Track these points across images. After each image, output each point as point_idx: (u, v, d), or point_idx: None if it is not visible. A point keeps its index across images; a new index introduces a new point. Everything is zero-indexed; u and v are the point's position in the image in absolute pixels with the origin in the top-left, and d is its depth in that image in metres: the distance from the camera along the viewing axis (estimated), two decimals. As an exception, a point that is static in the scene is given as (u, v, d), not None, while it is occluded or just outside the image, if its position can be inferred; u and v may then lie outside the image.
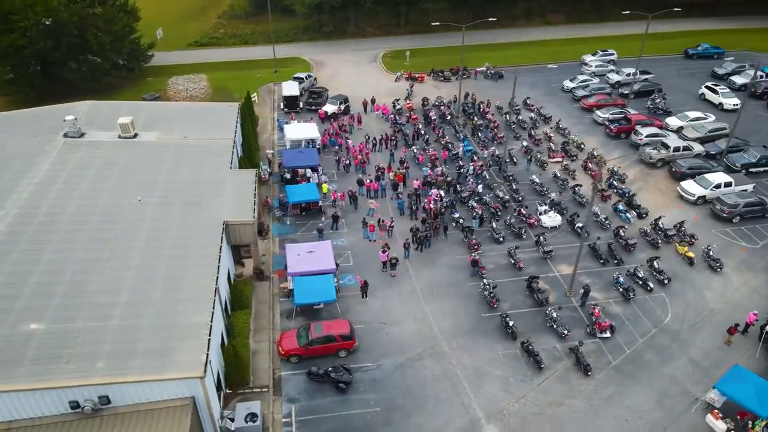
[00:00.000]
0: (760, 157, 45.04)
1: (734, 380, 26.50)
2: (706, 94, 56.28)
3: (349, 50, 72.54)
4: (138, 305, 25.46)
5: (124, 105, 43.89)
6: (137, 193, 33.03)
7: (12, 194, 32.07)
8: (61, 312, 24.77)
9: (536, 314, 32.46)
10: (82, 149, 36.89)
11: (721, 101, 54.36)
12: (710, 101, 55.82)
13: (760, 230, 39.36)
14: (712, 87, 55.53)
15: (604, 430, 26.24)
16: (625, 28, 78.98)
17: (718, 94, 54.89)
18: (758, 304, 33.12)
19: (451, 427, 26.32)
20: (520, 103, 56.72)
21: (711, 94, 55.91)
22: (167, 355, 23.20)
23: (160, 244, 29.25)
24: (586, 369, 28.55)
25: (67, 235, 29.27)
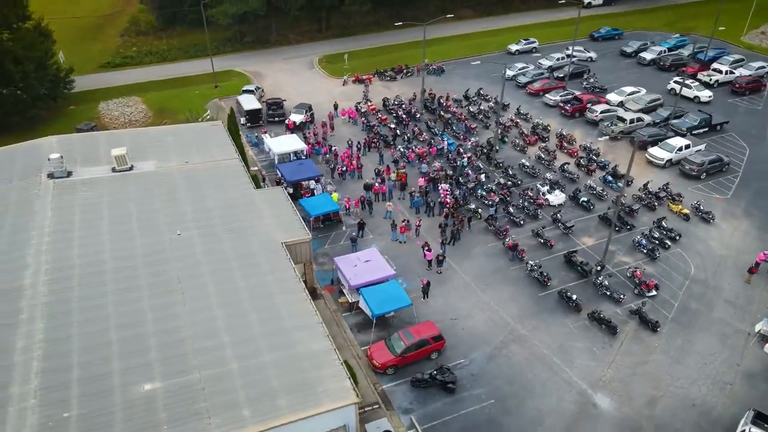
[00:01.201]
0: (700, 120, 51.22)
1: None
2: (677, 89, 56.67)
3: (280, 59, 70.69)
4: (248, 343, 23.46)
5: (95, 137, 39.41)
6: (168, 227, 30.11)
7: (28, 248, 27.79)
8: (168, 366, 22.15)
9: (584, 285, 34.50)
10: (79, 189, 32.71)
11: (697, 95, 56.61)
12: (685, 96, 56.48)
13: (723, 182, 44.93)
14: (682, 82, 56.00)
15: (692, 375, 28.79)
16: (528, 17, 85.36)
17: (692, 88, 57.13)
18: (752, 244, 37.99)
19: (566, 402, 27.37)
20: (473, 94, 59.02)
21: (684, 89, 56.37)
22: (311, 387, 21.74)
23: (229, 276, 27.03)
24: (654, 326, 31.02)
25: (121, 284, 26.04)
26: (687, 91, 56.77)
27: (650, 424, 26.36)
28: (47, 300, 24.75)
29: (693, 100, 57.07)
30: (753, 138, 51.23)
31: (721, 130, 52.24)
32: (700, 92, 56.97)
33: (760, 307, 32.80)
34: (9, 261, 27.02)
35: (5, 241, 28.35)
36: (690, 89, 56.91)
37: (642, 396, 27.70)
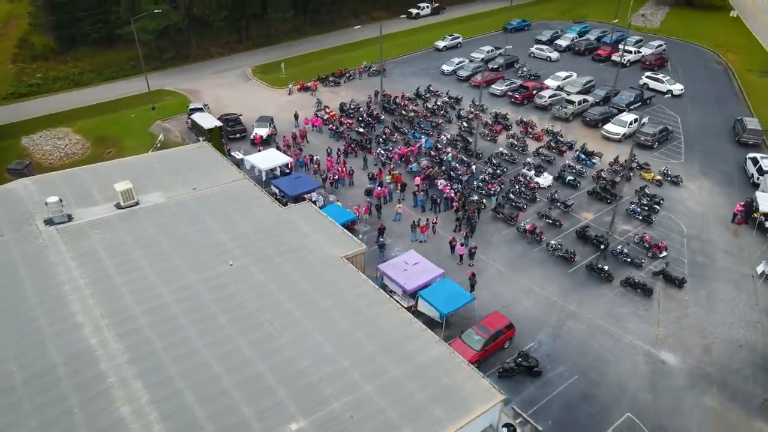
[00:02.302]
0: (635, 96, 56.53)
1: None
2: (649, 83, 60.04)
3: (209, 73, 67.18)
4: (368, 362, 22.44)
5: (74, 174, 35.03)
6: (214, 258, 27.83)
7: (70, 306, 24.30)
8: (302, 401, 20.60)
9: (602, 256, 36.87)
10: (91, 232, 29.06)
11: (669, 88, 59.48)
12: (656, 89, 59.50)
13: (673, 149, 50.12)
14: (654, 77, 60.38)
15: (726, 320, 32.04)
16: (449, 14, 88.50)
17: (664, 83, 59.87)
18: (719, 199, 42.90)
19: (639, 364, 29.27)
20: (423, 91, 60.22)
21: (656, 83, 59.82)
22: (455, 393, 21.34)
23: (309, 298, 25.61)
24: (681, 282, 34.05)
25: (200, 326, 23.68)
26: (659, 85, 60.02)
27: (715, 370, 29.02)
28: (130, 357, 21.88)
29: (665, 94, 59.04)
30: (678, 107, 57.49)
31: (650, 103, 58.03)
32: (672, 86, 59.60)
33: (751, 252, 37.23)
34: (56, 323, 23.47)
35: (37, 301, 24.54)
36: (662, 83, 59.95)
37: (696, 346, 30.36)
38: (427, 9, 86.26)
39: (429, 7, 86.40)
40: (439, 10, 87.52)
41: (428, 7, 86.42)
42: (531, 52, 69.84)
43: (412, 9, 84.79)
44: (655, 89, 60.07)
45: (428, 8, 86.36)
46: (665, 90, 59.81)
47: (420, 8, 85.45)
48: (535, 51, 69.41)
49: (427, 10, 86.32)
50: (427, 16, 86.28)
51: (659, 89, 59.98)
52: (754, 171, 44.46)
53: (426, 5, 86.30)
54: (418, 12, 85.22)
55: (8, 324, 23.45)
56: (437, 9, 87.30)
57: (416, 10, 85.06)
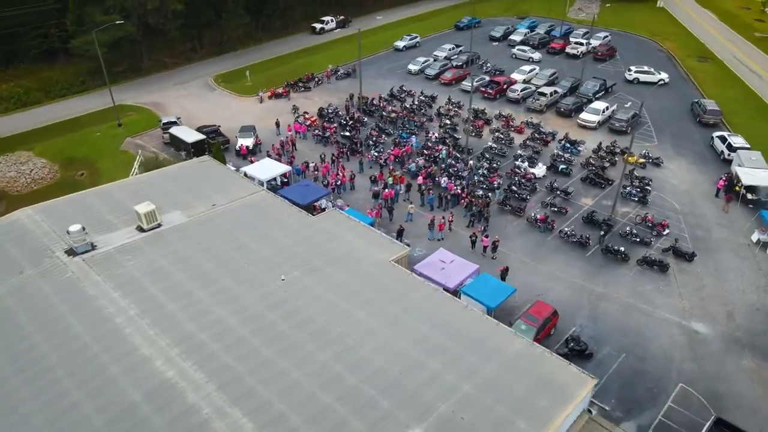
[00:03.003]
0: (599, 86, 59.39)
1: (766, 219, 37.86)
2: (639, 77, 62.80)
3: (170, 85, 64.36)
4: (458, 362, 22.41)
5: (75, 201, 32.58)
6: (262, 275, 26.85)
7: (130, 339, 22.68)
8: (410, 409, 20.32)
9: (610, 238, 38.56)
10: (121, 259, 27.21)
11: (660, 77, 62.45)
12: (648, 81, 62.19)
13: (644, 132, 53.09)
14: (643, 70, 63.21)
15: (739, 287, 34.36)
16: (388, 16, 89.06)
17: (654, 74, 62.50)
18: (699, 176, 45.91)
19: (676, 336, 30.86)
20: (396, 91, 60.46)
21: (646, 75, 62.59)
22: (552, 382, 21.77)
23: (376, 306, 25.24)
24: (691, 256, 36.18)
25: (277, 345, 22.79)
26: (650, 77, 62.81)
27: (742, 334, 31.11)
28: (217, 385, 20.72)
29: (656, 84, 61.87)
30: (637, 94, 60.89)
31: (612, 91, 61.17)
32: (661, 75, 63.06)
33: (741, 223, 40.15)
34: (121, 358, 21.82)
35: (91, 338, 22.73)
36: (653, 75, 62.95)
37: (720, 314, 32.43)
38: (332, 23, 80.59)
39: (334, 21, 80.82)
40: (345, 23, 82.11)
41: (333, 21, 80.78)
42: (513, 54, 70.05)
43: (316, 24, 79.66)
44: (646, 81, 62.99)
45: (333, 22, 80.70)
46: (657, 80, 62.87)
47: (324, 22, 79.90)
48: (516, 52, 69.85)
49: (332, 24, 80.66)
50: (333, 30, 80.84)
51: (651, 80, 62.85)
52: (724, 148, 47.89)
53: (330, 19, 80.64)
54: (322, 27, 79.53)
55: (67, 364, 21.60)
56: (343, 22, 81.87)
57: (320, 25, 79.49)
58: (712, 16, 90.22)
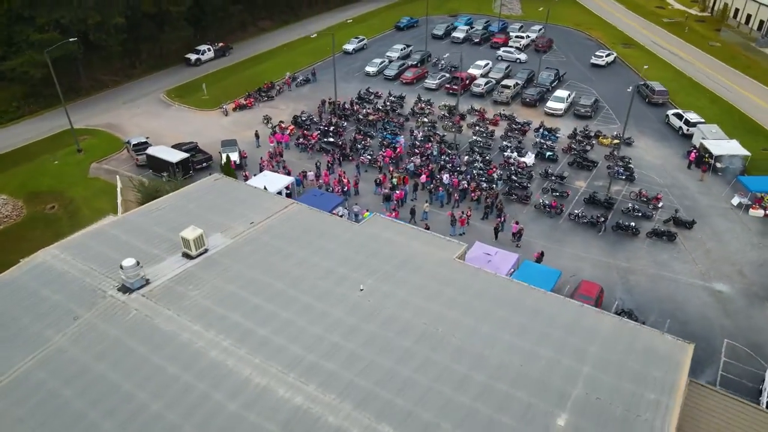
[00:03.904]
0: (554, 76, 62.70)
1: (748, 183, 41.92)
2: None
3: (120, 104, 60.37)
4: (576, 353, 22.77)
5: (97, 234, 29.74)
6: (334, 289, 26.10)
7: (237, 371, 21.26)
8: (552, 399, 20.70)
9: (615, 215, 41.07)
10: (183, 290, 25.35)
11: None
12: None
13: (605, 116, 56.83)
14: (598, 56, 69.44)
15: (738, 246, 37.85)
16: (326, 20, 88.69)
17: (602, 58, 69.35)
18: (666, 151, 49.92)
19: (705, 298, 33.52)
20: (363, 93, 60.39)
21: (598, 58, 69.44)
22: (655, 353, 22.61)
23: (471, 305, 25.09)
24: (691, 224, 39.33)
25: (392, 357, 22.27)
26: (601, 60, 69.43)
27: (758, 288, 34.34)
28: (354, 403, 19.91)
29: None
30: (586, 80, 64.99)
31: (563, 79, 64.80)
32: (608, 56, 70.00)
33: (718, 189, 44.21)
34: (238, 394, 20.38)
35: (192, 376, 21.03)
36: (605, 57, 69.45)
37: (732, 273, 35.60)
38: (209, 52, 70.47)
39: (212, 50, 70.90)
40: (226, 51, 72.39)
41: (210, 49, 70.81)
42: (499, 56, 71.01)
43: (190, 54, 69.20)
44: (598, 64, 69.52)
45: (211, 51, 70.78)
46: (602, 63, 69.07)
47: (200, 52, 69.58)
48: (503, 54, 71.03)
49: (210, 54, 70.49)
50: (211, 60, 70.53)
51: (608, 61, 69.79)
52: (681, 124, 52.35)
53: (207, 48, 70.44)
54: (198, 58, 68.91)
55: (177, 409, 19.86)
56: (223, 50, 72.10)
57: (195, 56, 68.99)
58: (620, 6, 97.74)
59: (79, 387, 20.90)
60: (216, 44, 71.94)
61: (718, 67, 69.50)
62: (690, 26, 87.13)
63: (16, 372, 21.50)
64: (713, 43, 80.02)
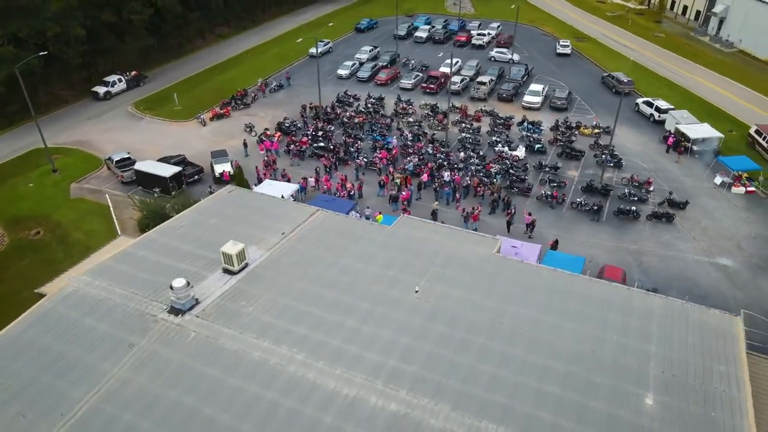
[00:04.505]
0: (524, 71, 64.51)
1: (728, 163, 44.72)
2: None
3: (85, 120, 57.23)
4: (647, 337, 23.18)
5: (126, 256, 28.10)
6: (388, 292, 25.96)
7: (322, 384, 20.76)
8: (633, 381, 21.42)
9: (612, 201, 42.81)
10: (237, 307, 24.49)
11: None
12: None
13: (580, 107, 58.98)
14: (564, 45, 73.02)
15: (729, 222, 40.24)
16: (284, 24, 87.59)
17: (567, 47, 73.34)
18: (642, 137, 52.43)
19: (714, 272, 35.48)
20: (342, 96, 60.02)
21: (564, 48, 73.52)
22: (709, 326, 23.94)
23: (529, 299, 25.51)
24: (684, 205, 41.51)
25: (468, 353, 22.32)
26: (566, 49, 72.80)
27: (758, 260, 36.69)
28: (451, 405, 19.87)
29: None
30: (552, 74, 67.25)
31: (532, 74, 66.78)
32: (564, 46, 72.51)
33: (699, 170, 46.86)
34: (326, 406, 19.94)
35: (274, 395, 20.38)
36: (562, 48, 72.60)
37: (731, 247, 37.88)
38: (120, 83, 62.11)
39: (124, 81, 62.56)
40: (140, 80, 64.50)
41: (122, 80, 62.48)
42: (491, 56, 71.06)
43: (98, 88, 61.04)
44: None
45: (123, 82, 62.43)
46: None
47: (109, 84, 61.19)
48: (495, 55, 70.90)
49: (122, 85, 62.19)
50: (123, 92, 62.26)
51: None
52: (653, 111, 55.11)
53: (118, 79, 62.01)
54: (108, 91, 60.75)
55: (269, 429, 19.20)
56: (137, 79, 64.18)
57: (104, 88, 60.78)
58: (564, 2, 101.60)
59: (157, 417, 19.80)
60: (128, 74, 63.39)
61: (669, 57, 73.58)
62: (632, 19, 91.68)
63: (81, 409, 20.12)
64: (658, 34, 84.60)
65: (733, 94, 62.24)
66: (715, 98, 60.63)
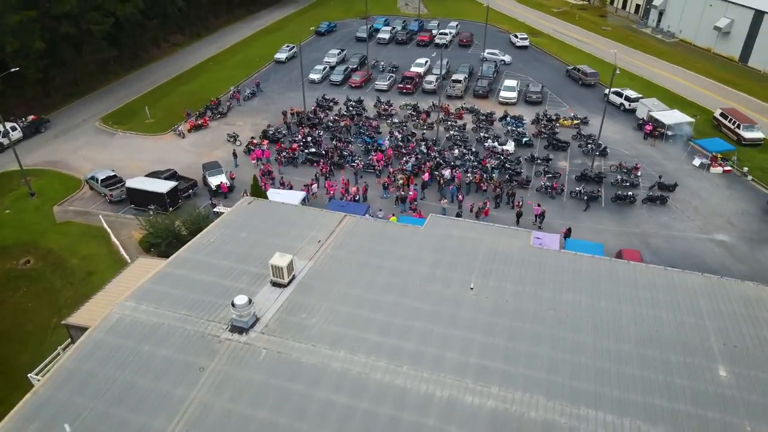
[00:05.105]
0: (494, 67, 66.06)
1: (705, 145, 47.55)
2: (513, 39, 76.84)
3: (51, 138, 53.88)
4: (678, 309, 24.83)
5: (164, 277, 26.71)
6: (442, 293, 26.07)
7: (413, 389, 20.62)
8: (702, 355, 22.42)
9: (606, 188, 44.61)
10: (299, 320, 23.90)
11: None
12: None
13: (553, 100, 60.99)
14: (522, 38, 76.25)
15: (716, 200, 42.79)
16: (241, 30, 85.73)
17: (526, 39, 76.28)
18: (618, 126, 54.88)
19: (715, 248, 37.65)
20: (321, 101, 59.44)
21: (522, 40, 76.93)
22: (752, 299, 25.55)
23: (572, 286, 26.36)
24: (674, 186, 43.80)
25: (546, 345, 22.75)
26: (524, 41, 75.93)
27: (750, 233, 39.22)
28: (546, 396, 20.25)
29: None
30: (519, 69, 69.19)
31: (500, 70, 68.44)
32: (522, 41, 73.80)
33: (677, 154, 49.57)
34: (425, 407, 19.84)
35: (368, 407, 20.07)
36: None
37: (723, 223, 40.32)
38: (16, 132, 52.13)
39: (19, 128, 52.75)
40: (41, 125, 55.03)
41: (17, 128, 52.56)
42: (484, 57, 71.32)
43: None
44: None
45: (18, 130, 52.54)
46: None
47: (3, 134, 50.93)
48: (487, 56, 71.11)
49: (17, 133, 52.29)
50: (20, 141, 52.01)
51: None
52: (622, 101, 57.78)
53: (11, 126, 51.67)
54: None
55: (385, 437, 18.89)
56: (36, 124, 54.78)
57: None
58: (511, 0, 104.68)
59: (254, 439, 19.00)
60: (24, 120, 54.17)
61: (620, 48, 77.22)
62: (578, 14, 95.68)
63: (169, 440, 19.01)
64: (605, 27, 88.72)
65: (687, 80, 66.17)
66: (673, 86, 64.24)
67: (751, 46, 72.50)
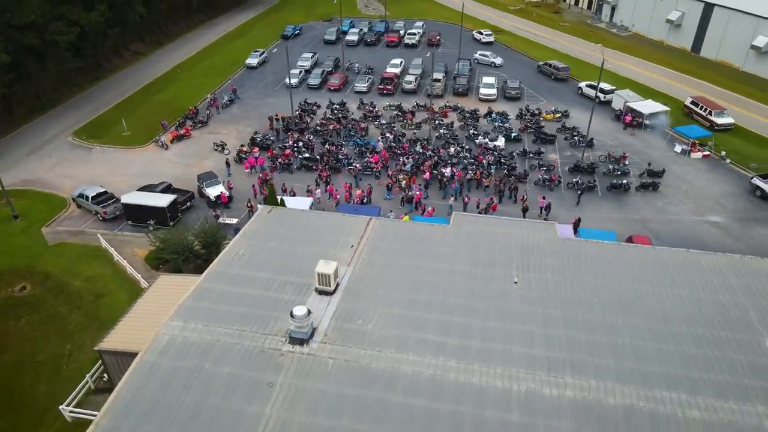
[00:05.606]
0: (469, 66, 67.00)
1: (684, 132, 49.84)
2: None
3: (24, 156, 50.99)
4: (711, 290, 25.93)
5: (203, 293, 25.71)
6: (487, 287, 26.38)
7: (493, 386, 20.74)
8: (745, 330, 23.60)
9: (599, 177, 46.10)
10: (354, 327, 23.61)
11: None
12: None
13: (530, 95, 62.43)
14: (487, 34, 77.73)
15: (703, 184, 44.97)
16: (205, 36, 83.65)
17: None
18: (597, 118, 56.58)
19: (712, 229, 39.54)
20: (303, 106, 58.68)
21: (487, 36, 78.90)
22: None
23: (609, 273, 27.20)
24: (662, 172, 45.70)
25: (601, 333, 23.32)
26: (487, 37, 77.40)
27: (740, 213, 41.36)
28: (622, 383, 20.77)
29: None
30: (491, 67, 70.40)
31: (475, 69, 69.48)
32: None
33: (657, 142, 51.73)
34: (522, 406, 20.00)
35: (450, 408, 20.06)
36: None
37: (713, 205, 42.38)
38: None
39: None
40: None
41: None
42: (475, 59, 71.05)
43: None
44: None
45: None
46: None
47: None
48: (479, 57, 71.08)
49: None
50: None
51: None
52: (598, 93, 59.67)
53: None
54: None
55: (477, 436, 18.90)
56: None
57: None
58: None
59: (343, 451, 18.63)
60: None
61: (581, 44, 79.87)
62: (535, 11, 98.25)
63: (255, 459, 18.38)
64: (563, 23, 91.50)
65: (649, 71, 69.10)
66: (639, 78, 66.95)
67: (702, 38, 76.40)
